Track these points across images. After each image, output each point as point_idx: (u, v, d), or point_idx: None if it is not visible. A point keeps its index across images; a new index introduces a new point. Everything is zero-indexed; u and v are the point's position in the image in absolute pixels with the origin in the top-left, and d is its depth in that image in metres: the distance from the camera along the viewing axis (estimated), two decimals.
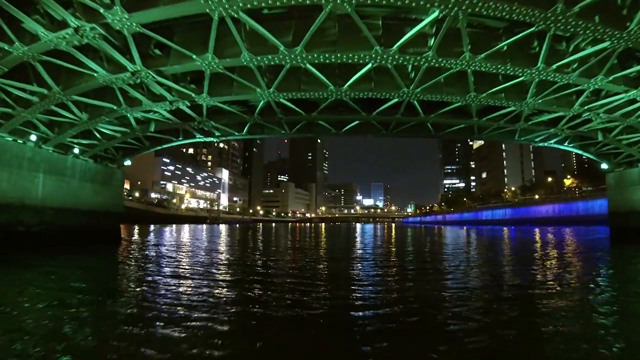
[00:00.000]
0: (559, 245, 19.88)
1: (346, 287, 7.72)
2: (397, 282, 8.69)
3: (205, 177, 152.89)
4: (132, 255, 14.22)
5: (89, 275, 9.42)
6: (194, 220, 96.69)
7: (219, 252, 16.23)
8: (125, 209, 73.72)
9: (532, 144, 20.58)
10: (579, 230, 40.97)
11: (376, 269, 11.12)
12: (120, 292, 7.36)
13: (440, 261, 13.03)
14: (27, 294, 6.78)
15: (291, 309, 5.81)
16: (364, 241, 25.29)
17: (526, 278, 9.02)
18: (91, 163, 19.71)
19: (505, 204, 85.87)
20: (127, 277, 9.10)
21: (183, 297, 6.53)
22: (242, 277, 9.13)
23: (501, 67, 10.86)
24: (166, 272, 9.51)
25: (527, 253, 16.15)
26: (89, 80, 12.74)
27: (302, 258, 14.05)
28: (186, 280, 8.22)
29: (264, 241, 24.73)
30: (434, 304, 6.28)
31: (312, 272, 10.20)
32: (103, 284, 8.28)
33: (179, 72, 11.60)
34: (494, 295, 7.07)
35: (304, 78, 12.15)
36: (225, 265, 11.40)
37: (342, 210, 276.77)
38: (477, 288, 7.78)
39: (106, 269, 11.08)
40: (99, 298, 6.50)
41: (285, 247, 19.32)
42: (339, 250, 17.80)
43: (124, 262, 11.94)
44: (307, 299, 6.56)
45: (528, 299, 6.71)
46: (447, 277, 9.31)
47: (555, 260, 13.02)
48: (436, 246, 20.28)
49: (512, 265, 12.12)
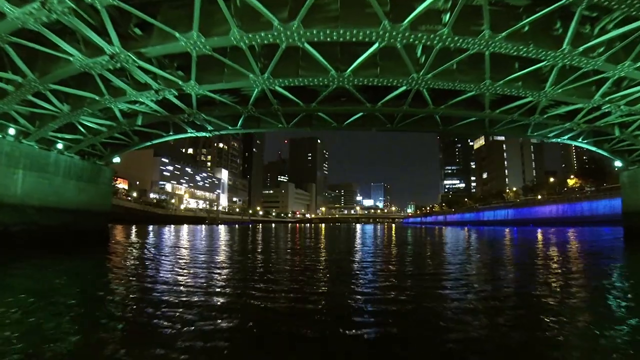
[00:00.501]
0: (570, 248, 18.66)
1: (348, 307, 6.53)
2: (398, 295, 7.52)
3: (204, 178, 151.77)
4: (118, 259, 12.86)
5: (62, 283, 8.22)
6: (192, 221, 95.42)
7: (212, 257, 14.99)
8: (124, 209, 72.91)
9: (544, 140, 19.44)
10: (584, 231, 39.79)
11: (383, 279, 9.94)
12: (100, 304, 6.17)
13: (445, 265, 11.82)
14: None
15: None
16: (365, 242, 24.09)
17: (549, 287, 7.84)
18: (77, 159, 18.55)
19: (507, 205, 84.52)
20: (108, 288, 7.88)
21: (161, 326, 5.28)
22: (236, 290, 7.95)
23: (523, 48, 9.69)
24: (152, 281, 8.28)
25: (540, 256, 14.87)
26: (65, 66, 11.59)
27: (303, 271, 12.86)
28: (170, 302, 6.89)
29: (263, 242, 23.46)
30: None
31: (312, 282, 9.02)
32: (73, 297, 7.08)
33: (162, 54, 10.41)
34: (517, 312, 5.87)
35: (302, 63, 10.94)
36: (218, 274, 10.21)
37: (342, 210, 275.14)
38: (495, 300, 6.59)
39: (86, 275, 9.81)
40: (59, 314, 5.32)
41: (284, 250, 18.04)
42: (340, 256, 16.57)
43: (107, 268, 10.63)
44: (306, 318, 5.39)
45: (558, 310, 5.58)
46: (455, 286, 8.13)
47: (573, 265, 11.80)
48: (439, 250, 18.99)
49: (532, 272, 10.87)
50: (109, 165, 20.86)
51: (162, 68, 11.56)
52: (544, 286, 7.74)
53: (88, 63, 10.96)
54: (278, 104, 13.39)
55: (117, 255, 13.93)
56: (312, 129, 16.87)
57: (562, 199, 65.61)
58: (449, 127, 16.37)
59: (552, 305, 6.09)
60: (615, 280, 8.69)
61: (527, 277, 9.06)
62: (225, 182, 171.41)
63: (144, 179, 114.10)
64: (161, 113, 14.59)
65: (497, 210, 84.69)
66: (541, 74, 13.05)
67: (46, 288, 7.32)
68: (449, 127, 16.30)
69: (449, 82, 11.31)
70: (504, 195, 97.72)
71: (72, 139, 17.29)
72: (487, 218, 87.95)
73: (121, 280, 8.41)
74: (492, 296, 6.78)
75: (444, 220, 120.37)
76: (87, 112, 14.52)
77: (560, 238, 26.91)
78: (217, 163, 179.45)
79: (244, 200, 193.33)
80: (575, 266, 11.25)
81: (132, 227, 43.96)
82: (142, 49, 9.81)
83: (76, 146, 17.83)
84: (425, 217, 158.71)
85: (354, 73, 10.69)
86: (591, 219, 54.84)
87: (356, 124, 16.01)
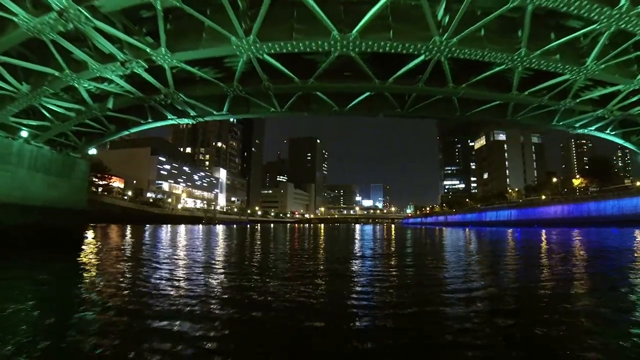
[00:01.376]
0: (588, 249, 16.48)
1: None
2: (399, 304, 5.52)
3: (202, 177, 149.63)
4: (88, 267, 10.54)
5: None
6: (189, 221, 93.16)
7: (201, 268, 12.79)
8: (120, 209, 70.87)
9: (570, 130, 17.41)
10: (590, 232, 37.71)
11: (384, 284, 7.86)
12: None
13: (451, 270, 9.76)
14: None
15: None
16: (364, 245, 21.92)
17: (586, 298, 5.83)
18: (46, 150, 16.44)
19: (510, 205, 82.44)
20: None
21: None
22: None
23: (575, 2, 7.66)
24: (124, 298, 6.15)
25: (558, 259, 12.66)
26: (11, 32, 9.56)
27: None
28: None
29: (262, 246, 20.95)
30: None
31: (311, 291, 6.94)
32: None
33: (121, 7, 8.32)
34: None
35: (297, 25, 8.83)
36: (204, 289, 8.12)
37: (341, 211, 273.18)
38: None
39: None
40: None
41: (284, 253, 15.66)
42: (340, 259, 14.38)
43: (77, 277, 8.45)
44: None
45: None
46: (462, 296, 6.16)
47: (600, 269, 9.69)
48: (443, 252, 16.75)
49: (556, 280, 8.69)
50: (85, 158, 18.76)
51: (129, 34, 9.52)
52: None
53: (35, 25, 8.91)
54: (269, 81, 11.26)
55: (91, 263, 11.67)
56: (310, 113, 14.57)
57: (567, 199, 63.72)
58: (468, 113, 14.22)
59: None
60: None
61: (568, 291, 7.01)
62: (223, 182, 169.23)
63: (140, 178, 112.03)
64: (134, 94, 12.49)
65: (499, 211, 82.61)
66: (580, 47, 11.06)
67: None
68: (468, 112, 14.15)
69: (477, 51, 9.17)
70: (506, 195, 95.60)
71: (39, 126, 15.22)
72: (490, 219, 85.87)
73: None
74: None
75: (445, 221, 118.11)
76: (49, 92, 12.44)
77: (570, 240, 24.64)
78: (215, 162, 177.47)
79: (243, 200, 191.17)
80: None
81: (127, 227, 41.77)
82: (95, 1, 7.75)
83: (44, 134, 15.74)
84: (426, 217, 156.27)
85: (362, 35, 8.56)
86: (598, 219, 53.31)
87: (361, 108, 13.84)
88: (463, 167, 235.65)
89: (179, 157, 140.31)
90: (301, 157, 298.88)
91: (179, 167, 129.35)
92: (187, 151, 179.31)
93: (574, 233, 35.63)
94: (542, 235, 33.83)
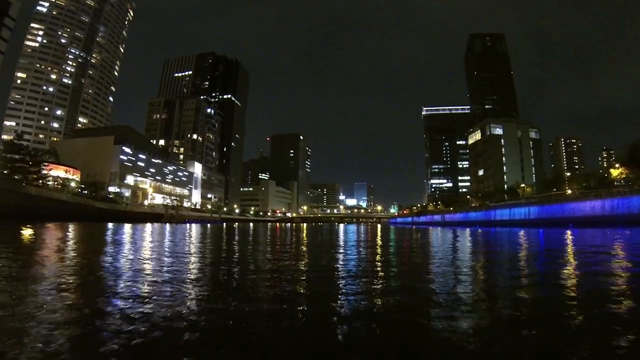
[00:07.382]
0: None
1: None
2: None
3: (174, 171, 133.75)
4: None
5: None
6: (150, 219, 78.16)
7: None
8: (54, 202, 55.36)
9: None
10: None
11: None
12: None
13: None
14: None
15: None
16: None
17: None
18: None
19: (529, 201, 71.25)
20: None
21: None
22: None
23: None
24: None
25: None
26: None
27: None
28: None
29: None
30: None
31: None
32: None
33: None
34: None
35: None
36: None
37: (324, 210, 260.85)
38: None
39: None
40: None
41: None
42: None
43: None
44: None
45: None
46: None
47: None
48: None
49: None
50: None
51: None
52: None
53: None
54: None
55: None
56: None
57: (608, 192, 52.72)
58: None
59: None
60: None
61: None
62: (198, 177, 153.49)
63: (103, 170, 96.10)
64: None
65: (515, 208, 71.19)
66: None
67: None
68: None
69: None
70: (517, 190, 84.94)
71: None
72: (501, 217, 74.38)
73: None
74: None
75: (442, 221, 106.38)
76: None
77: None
78: (190, 156, 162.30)
79: (221, 197, 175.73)
80: None
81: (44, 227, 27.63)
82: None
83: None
84: (418, 216, 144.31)
85: None
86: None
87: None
88: (451, 166, 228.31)
89: (150, 149, 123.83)
90: (284, 154, 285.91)
91: (146, 159, 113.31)
92: (160, 143, 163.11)
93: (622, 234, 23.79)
94: (609, 238, 21.78)
